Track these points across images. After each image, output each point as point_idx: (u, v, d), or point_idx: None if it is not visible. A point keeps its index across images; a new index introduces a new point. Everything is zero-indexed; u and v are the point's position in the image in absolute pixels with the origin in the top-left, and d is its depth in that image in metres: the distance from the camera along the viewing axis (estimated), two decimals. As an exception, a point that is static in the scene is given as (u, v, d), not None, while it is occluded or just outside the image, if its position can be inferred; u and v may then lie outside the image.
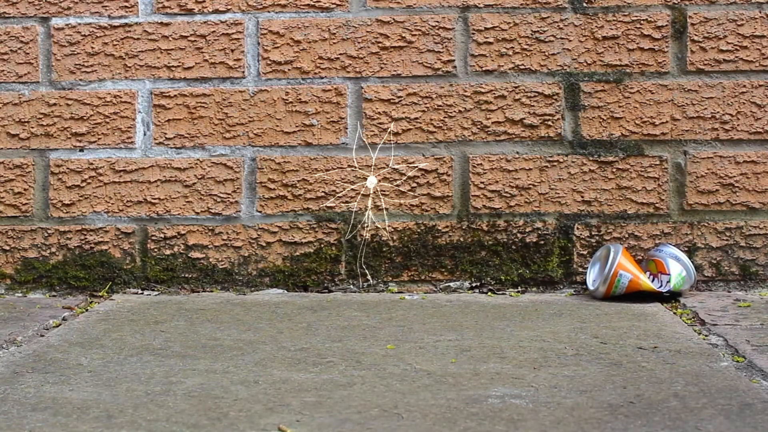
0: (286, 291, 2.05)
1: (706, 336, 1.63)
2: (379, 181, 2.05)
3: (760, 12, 2.03)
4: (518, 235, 2.05)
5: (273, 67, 2.05)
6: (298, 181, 2.06)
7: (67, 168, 2.05)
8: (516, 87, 2.04)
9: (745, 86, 2.03)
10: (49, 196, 2.06)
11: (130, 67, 2.06)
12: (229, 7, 2.05)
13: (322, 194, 2.05)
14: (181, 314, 1.81)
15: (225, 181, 2.06)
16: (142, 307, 1.87)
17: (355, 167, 2.05)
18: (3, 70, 2.06)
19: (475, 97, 2.04)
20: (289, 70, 2.05)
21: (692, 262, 1.97)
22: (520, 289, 2.05)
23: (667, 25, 2.03)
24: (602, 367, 1.42)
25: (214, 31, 2.05)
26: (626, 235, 2.04)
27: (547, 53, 2.04)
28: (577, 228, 2.04)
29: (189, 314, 1.82)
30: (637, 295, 1.92)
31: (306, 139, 2.05)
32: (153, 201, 2.06)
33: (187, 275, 2.05)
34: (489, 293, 2.02)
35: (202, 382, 1.32)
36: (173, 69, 2.06)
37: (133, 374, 1.37)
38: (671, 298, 1.94)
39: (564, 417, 1.18)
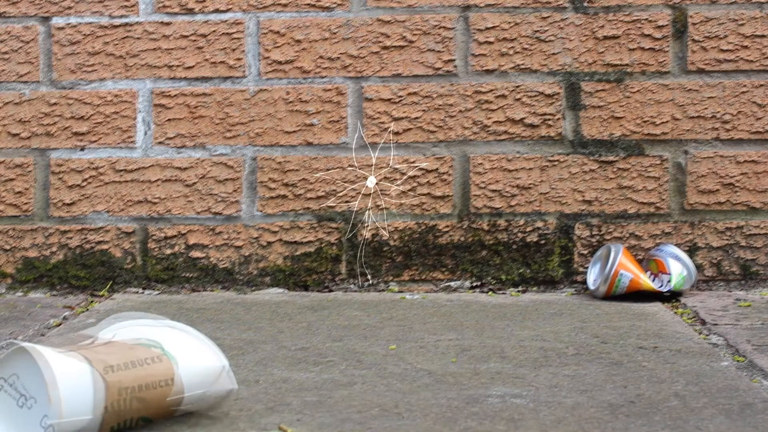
0: (286, 290, 2.05)
1: (706, 336, 1.63)
2: (380, 180, 2.05)
3: (761, 12, 2.03)
4: (519, 234, 2.05)
5: (274, 67, 2.05)
6: (298, 180, 2.06)
7: (68, 167, 2.06)
8: (517, 86, 2.04)
9: (745, 86, 2.03)
10: (50, 196, 2.06)
11: (130, 66, 2.06)
12: (229, 6, 2.05)
13: (323, 194, 2.05)
14: (182, 314, 1.81)
15: (226, 180, 2.06)
16: (143, 307, 1.87)
17: (356, 167, 2.05)
18: (4, 70, 2.06)
19: (475, 96, 2.04)
20: (289, 69, 2.05)
21: (693, 261, 1.97)
22: (520, 288, 2.05)
23: (667, 25, 2.03)
24: (603, 366, 1.42)
25: (214, 31, 2.06)
26: (627, 235, 2.04)
27: (547, 53, 2.04)
28: (578, 227, 2.04)
29: (189, 314, 1.82)
30: (638, 295, 1.92)
31: (306, 139, 2.05)
32: (154, 200, 2.06)
33: (187, 275, 2.06)
34: (489, 293, 2.02)
35: (202, 382, 1.32)
36: (174, 68, 2.06)
37: (134, 373, 1.37)
38: (672, 297, 1.94)
39: (564, 416, 1.18)
